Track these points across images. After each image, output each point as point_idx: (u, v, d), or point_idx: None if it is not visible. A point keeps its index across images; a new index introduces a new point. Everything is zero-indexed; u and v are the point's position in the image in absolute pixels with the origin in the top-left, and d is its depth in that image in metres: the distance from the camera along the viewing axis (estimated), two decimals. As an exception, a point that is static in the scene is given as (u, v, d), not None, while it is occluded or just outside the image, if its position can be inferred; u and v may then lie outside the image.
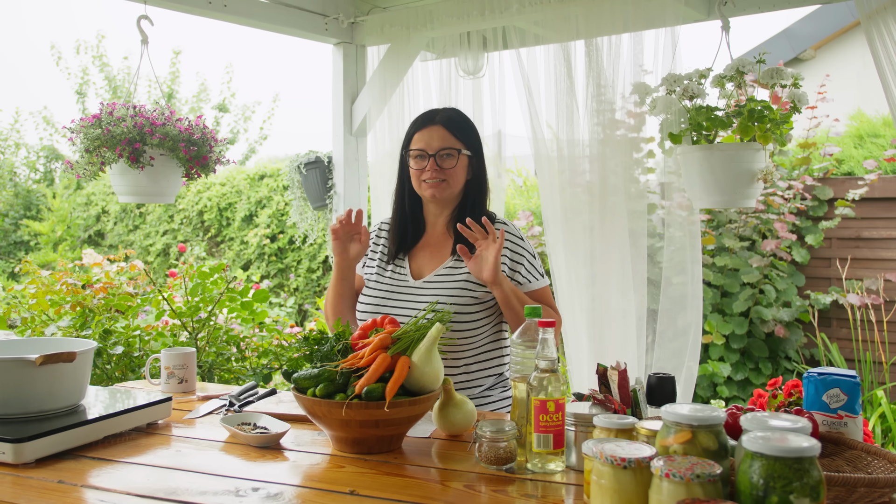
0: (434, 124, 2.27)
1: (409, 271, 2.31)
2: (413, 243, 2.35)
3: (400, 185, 2.37)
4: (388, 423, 1.71)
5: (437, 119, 2.28)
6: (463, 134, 2.28)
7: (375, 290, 2.32)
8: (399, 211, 2.37)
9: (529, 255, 2.30)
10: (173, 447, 1.84)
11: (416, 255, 2.35)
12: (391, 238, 2.37)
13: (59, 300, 3.33)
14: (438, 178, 2.23)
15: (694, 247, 3.06)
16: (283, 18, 3.47)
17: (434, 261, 2.31)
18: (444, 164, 2.23)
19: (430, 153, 2.23)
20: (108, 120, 2.85)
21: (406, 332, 1.82)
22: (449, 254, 2.30)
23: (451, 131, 2.26)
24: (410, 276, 2.30)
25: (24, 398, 1.78)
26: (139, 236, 8.99)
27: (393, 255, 2.35)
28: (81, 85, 11.19)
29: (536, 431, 1.62)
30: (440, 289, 2.24)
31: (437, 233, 2.35)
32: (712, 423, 1.29)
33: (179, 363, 2.35)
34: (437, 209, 2.33)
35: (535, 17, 3.13)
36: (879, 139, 5.84)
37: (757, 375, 5.44)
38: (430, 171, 2.23)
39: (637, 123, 3.37)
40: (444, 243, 2.33)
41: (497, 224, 2.30)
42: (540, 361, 1.63)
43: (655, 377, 1.86)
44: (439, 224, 2.35)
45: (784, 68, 2.61)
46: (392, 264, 2.35)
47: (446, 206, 2.32)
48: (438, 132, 2.25)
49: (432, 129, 2.26)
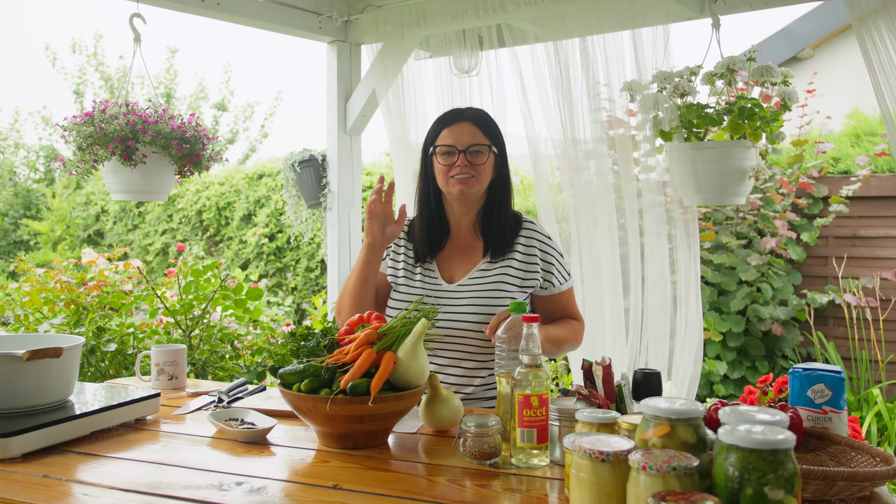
0: (463, 120, 2.23)
1: (440, 275, 2.27)
2: (441, 245, 2.31)
3: (424, 184, 2.30)
4: (373, 419, 1.72)
5: (466, 116, 2.24)
6: (491, 132, 2.24)
7: (408, 295, 2.26)
8: (426, 211, 2.30)
9: (559, 255, 2.29)
10: (161, 443, 1.85)
11: (444, 258, 2.30)
12: (420, 240, 2.31)
13: (53, 297, 3.34)
14: (468, 173, 2.18)
15: (691, 245, 3.06)
16: (277, 17, 3.47)
17: (465, 264, 2.27)
18: (475, 160, 2.19)
19: (459, 149, 2.19)
20: (101, 118, 2.85)
21: (392, 328, 1.82)
22: (480, 256, 2.26)
23: (480, 128, 2.22)
24: (442, 280, 2.26)
25: (10, 393, 1.79)
26: (138, 235, 9.00)
27: (423, 257, 2.30)
28: (79, 85, 11.21)
29: (520, 426, 1.62)
30: (475, 292, 2.20)
31: (464, 234, 2.30)
32: (691, 416, 1.29)
33: (169, 360, 2.36)
34: (463, 209, 2.28)
35: (530, 15, 3.13)
36: (876, 138, 5.83)
37: (753, 374, 5.43)
38: (459, 166, 2.18)
39: (631, 121, 3.37)
40: (472, 245, 2.29)
41: (524, 224, 2.28)
42: (524, 356, 1.63)
43: (641, 372, 1.87)
44: (464, 225, 2.30)
45: (773, 66, 2.62)
46: (420, 267, 2.30)
47: (472, 205, 2.27)
48: (468, 128, 2.21)
49: (461, 125, 2.22)
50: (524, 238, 2.26)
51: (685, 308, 3.06)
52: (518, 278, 2.22)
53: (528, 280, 2.22)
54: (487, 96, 3.46)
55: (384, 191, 2.15)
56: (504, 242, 2.23)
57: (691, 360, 3.05)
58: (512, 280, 2.21)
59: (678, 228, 3.04)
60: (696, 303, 3.06)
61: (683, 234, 3.03)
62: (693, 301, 3.06)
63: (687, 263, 3.05)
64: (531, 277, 2.23)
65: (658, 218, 3.06)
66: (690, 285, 3.06)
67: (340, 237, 3.80)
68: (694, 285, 3.06)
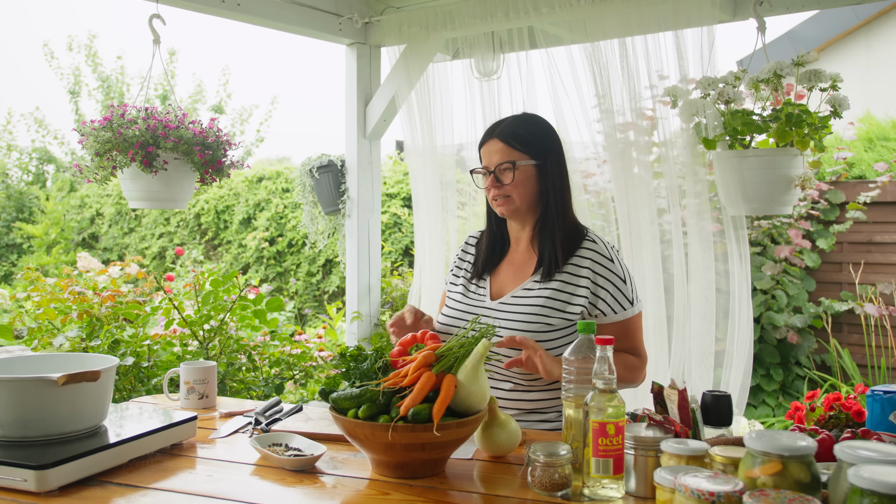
0: (493, 138, 2.14)
1: (489, 291, 2.20)
2: (499, 261, 2.24)
3: (487, 202, 2.25)
4: (434, 447, 1.62)
5: (497, 132, 2.14)
6: (524, 144, 2.12)
7: (452, 310, 2.22)
8: (489, 229, 2.27)
9: (618, 280, 2.11)
10: (202, 471, 1.74)
11: (499, 273, 2.23)
12: (479, 255, 2.27)
13: (65, 308, 3.21)
14: (501, 194, 2.11)
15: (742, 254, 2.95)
16: (297, 18, 3.36)
17: (515, 280, 2.18)
18: (504, 178, 2.10)
19: (490, 170, 2.13)
20: (120, 122, 2.74)
21: (450, 349, 1.72)
22: (530, 272, 2.16)
23: (508, 143, 2.11)
24: (489, 296, 2.18)
25: (44, 420, 1.67)
26: (134, 239, 8.85)
27: (479, 272, 2.24)
28: (74, 85, 11.03)
29: (595, 456, 1.52)
30: (515, 311, 2.10)
31: (521, 250, 2.22)
32: (804, 453, 1.20)
33: (200, 378, 2.24)
34: (518, 224, 2.21)
35: (564, 18, 3.02)
36: (890, 142, 5.78)
37: (768, 382, 5.37)
38: (491, 188, 2.13)
39: (649, 127, 3.28)
40: (527, 261, 2.19)
41: (585, 242, 2.14)
42: (598, 381, 1.53)
43: (711, 395, 1.77)
44: (522, 240, 2.22)
45: (823, 70, 2.53)
46: (476, 281, 2.24)
47: (526, 220, 2.18)
48: (496, 146, 2.13)
49: (491, 143, 2.14)
50: (578, 258, 2.12)
51: (737, 320, 2.96)
52: (562, 301, 2.07)
53: (571, 304, 2.08)
54: (518, 100, 3.35)
55: None
56: (555, 259, 2.11)
57: (741, 374, 2.95)
58: (555, 304, 2.07)
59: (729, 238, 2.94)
60: (747, 314, 2.95)
61: (734, 243, 2.93)
62: (745, 312, 2.95)
63: (739, 274, 2.95)
64: (576, 303, 2.08)
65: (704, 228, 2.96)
66: (742, 296, 2.95)
67: (360, 245, 3.69)
68: (746, 295, 2.95)
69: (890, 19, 8.15)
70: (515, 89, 3.36)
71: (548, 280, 2.10)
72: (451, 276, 2.33)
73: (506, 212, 2.14)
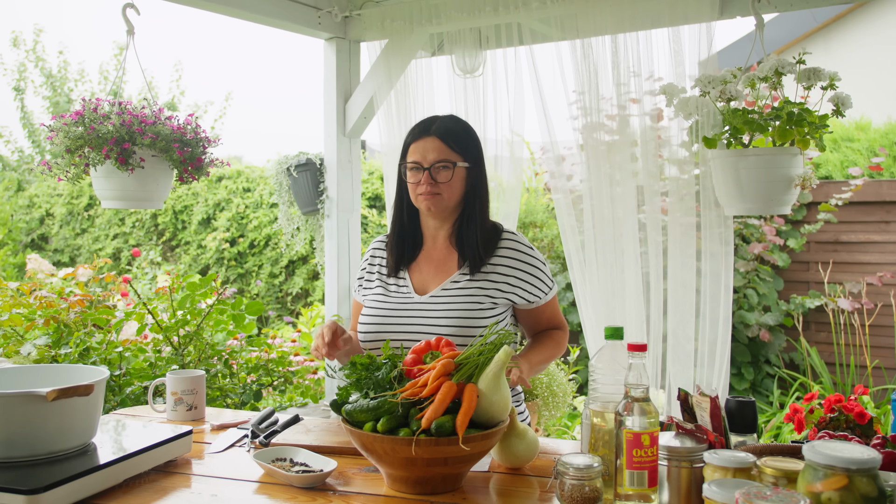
0: (429, 135, 2.14)
1: (412, 287, 2.19)
2: (412, 257, 2.24)
3: (399, 197, 2.25)
4: (456, 461, 1.53)
5: (433, 130, 2.15)
6: (460, 145, 2.15)
7: (378, 309, 2.18)
8: (398, 223, 2.26)
9: (541, 264, 2.21)
10: (200, 489, 1.62)
11: (417, 270, 2.22)
12: (390, 252, 2.25)
13: (31, 314, 3.03)
14: (433, 191, 2.11)
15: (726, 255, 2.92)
16: (274, 10, 3.23)
17: (439, 275, 2.19)
18: (439, 177, 2.11)
19: (424, 166, 2.11)
20: (93, 117, 2.58)
21: (469, 357, 1.63)
22: (455, 268, 2.18)
23: (446, 143, 2.13)
24: (414, 292, 2.17)
25: (32, 437, 1.54)
26: (87, 240, 8.54)
27: (394, 270, 2.23)
28: (19, 81, 10.64)
29: (629, 468, 1.45)
30: (448, 304, 2.11)
31: (439, 247, 2.23)
32: (871, 466, 1.14)
33: (188, 388, 2.12)
34: (437, 222, 2.22)
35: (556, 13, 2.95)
36: (854, 143, 5.87)
37: (739, 381, 5.40)
38: (424, 184, 2.11)
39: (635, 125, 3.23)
40: (447, 257, 2.21)
41: (504, 235, 2.20)
42: (633, 390, 1.46)
43: (735, 401, 1.72)
44: (440, 237, 2.23)
45: (822, 68, 2.51)
46: (393, 278, 2.23)
47: (445, 219, 2.21)
48: (433, 144, 2.13)
49: (427, 140, 2.14)
50: (504, 250, 2.17)
51: (715, 320, 2.93)
52: (498, 291, 2.12)
53: (508, 294, 2.14)
54: (502, 98, 3.27)
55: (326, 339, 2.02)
56: (480, 255, 2.14)
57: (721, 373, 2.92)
58: (491, 294, 2.12)
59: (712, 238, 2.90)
60: (725, 313, 2.93)
61: (718, 243, 2.89)
62: (724, 311, 2.92)
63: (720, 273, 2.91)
64: (512, 291, 2.14)
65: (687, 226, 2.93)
66: (721, 295, 2.92)
67: (339, 246, 3.57)
68: (726, 295, 2.92)
69: (847, 22, 8.31)
70: (500, 87, 3.27)
71: (477, 273, 2.14)
72: (364, 281, 2.31)
73: (432, 207, 2.13)
